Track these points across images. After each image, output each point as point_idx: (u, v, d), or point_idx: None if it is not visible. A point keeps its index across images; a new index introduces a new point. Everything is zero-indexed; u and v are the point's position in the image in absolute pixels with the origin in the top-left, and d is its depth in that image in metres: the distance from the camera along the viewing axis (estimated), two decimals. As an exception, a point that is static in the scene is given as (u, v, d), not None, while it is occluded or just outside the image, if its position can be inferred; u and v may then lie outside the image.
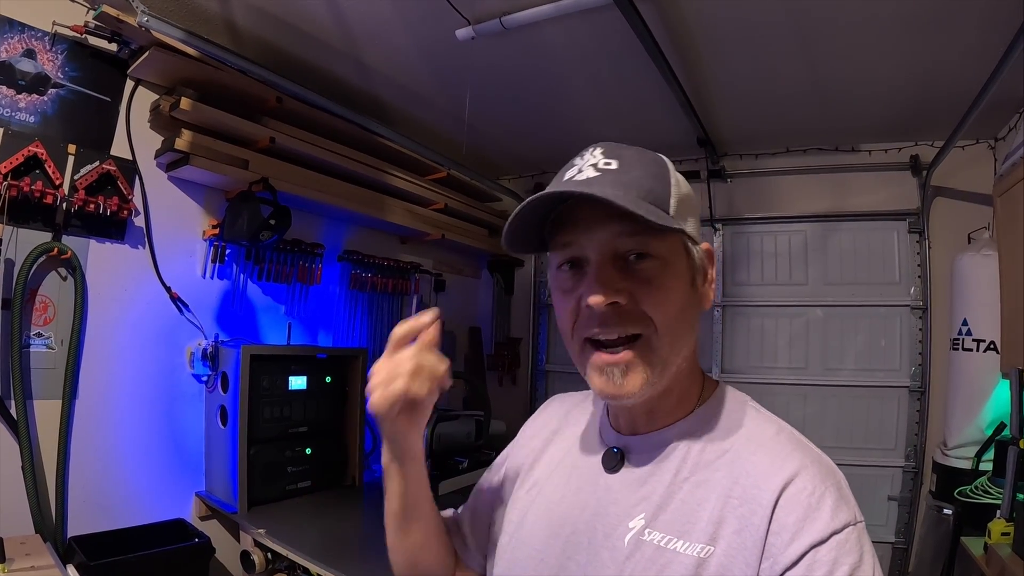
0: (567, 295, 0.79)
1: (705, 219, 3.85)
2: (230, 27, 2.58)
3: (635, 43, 2.33)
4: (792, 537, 0.67)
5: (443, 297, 4.15)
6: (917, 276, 3.53)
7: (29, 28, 2.23)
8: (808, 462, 0.73)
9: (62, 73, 2.32)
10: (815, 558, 0.65)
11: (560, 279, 0.81)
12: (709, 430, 0.81)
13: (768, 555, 0.67)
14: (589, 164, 0.76)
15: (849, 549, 0.66)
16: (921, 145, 3.51)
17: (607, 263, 0.76)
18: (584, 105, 3.25)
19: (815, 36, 2.48)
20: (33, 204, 2.21)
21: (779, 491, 0.70)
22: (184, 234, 2.73)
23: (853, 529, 0.68)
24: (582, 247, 0.77)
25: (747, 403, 0.85)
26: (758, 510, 0.70)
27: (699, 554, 0.70)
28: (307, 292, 3.21)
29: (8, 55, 2.19)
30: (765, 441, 0.77)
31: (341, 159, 3.07)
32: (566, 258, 0.79)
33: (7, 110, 2.20)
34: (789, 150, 3.80)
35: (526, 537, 0.89)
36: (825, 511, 0.68)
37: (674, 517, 0.75)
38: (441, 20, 2.40)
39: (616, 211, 0.72)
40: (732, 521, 0.71)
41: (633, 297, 0.75)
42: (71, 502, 2.31)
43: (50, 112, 2.30)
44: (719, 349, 3.93)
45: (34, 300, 2.26)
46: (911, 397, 3.50)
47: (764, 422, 0.81)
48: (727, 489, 0.73)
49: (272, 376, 2.71)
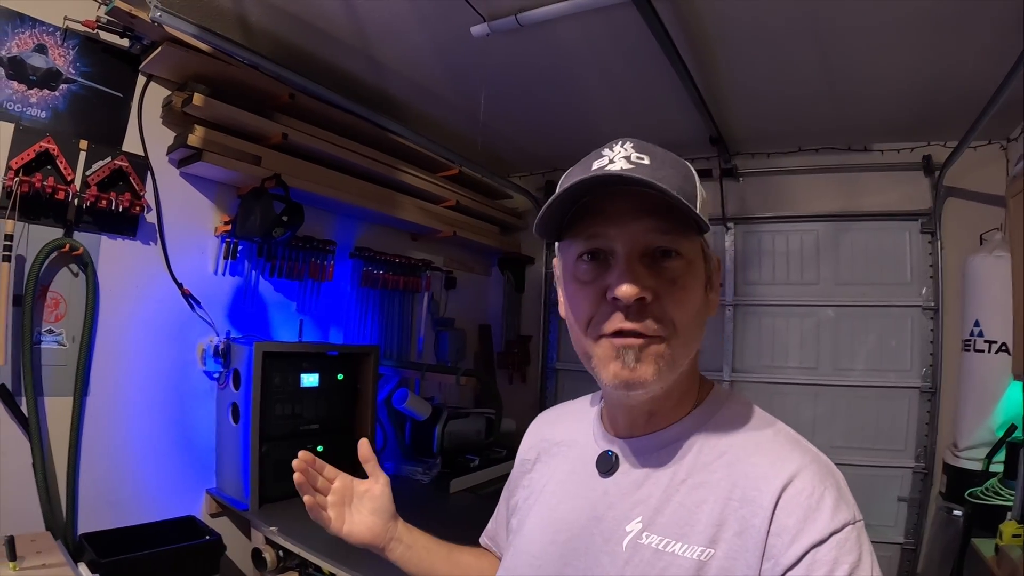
0: (586, 286, 0.76)
1: (717, 218, 3.77)
2: (242, 23, 2.49)
3: (650, 41, 2.25)
4: (793, 538, 0.66)
5: (454, 294, 4.06)
6: (929, 277, 3.43)
7: (40, 23, 2.15)
8: (807, 462, 0.72)
9: (73, 68, 2.24)
10: (815, 558, 0.64)
11: (579, 270, 0.77)
12: (706, 432, 0.79)
13: (769, 556, 0.66)
14: (621, 156, 0.73)
15: (849, 548, 0.65)
16: (933, 145, 3.41)
17: (636, 258, 0.73)
18: (597, 103, 3.16)
19: (830, 35, 2.39)
20: (44, 200, 2.13)
21: (779, 492, 0.68)
22: (196, 230, 2.64)
23: (853, 528, 0.67)
24: (610, 239, 0.74)
25: (745, 404, 0.84)
26: (759, 512, 0.68)
27: (699, 557, 0.69)
28: (319, 289, 3.12)
29: (19, 50, 2.11)
30: (763, 442, 0.76)
31: (353, 156, 2.98)
32: (588, 248, 0.76)
33: (18, 105, 2.12)
34: (801, 149, 3.69)
35: (523, 544, 0.88)
36: (825, 511, 0.67)
37: (672, 519, 0.73)
38: (456, 17, 2.31)
39: (648, 206, 0.71)
40: (733, 523, 0.69)
41: (657, 295, 0.73)
42: (82, 499, 2.24)
43: (61, 108, 2.22)
44: (730, 348, 3.82)
45: (45, 297, 2.18)
46: (922, 398, 3.40)
47: (762, 423, 0.80)
48: (726, 491, 0.72)
49: (284, 373, 2.62)
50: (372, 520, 1.00)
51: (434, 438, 3.08)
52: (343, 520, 0.98)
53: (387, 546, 1.00)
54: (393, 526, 1.01)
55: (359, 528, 0.99)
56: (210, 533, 2.37)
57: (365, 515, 1.00)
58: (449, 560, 1.04)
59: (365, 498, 1.01)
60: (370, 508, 1.00)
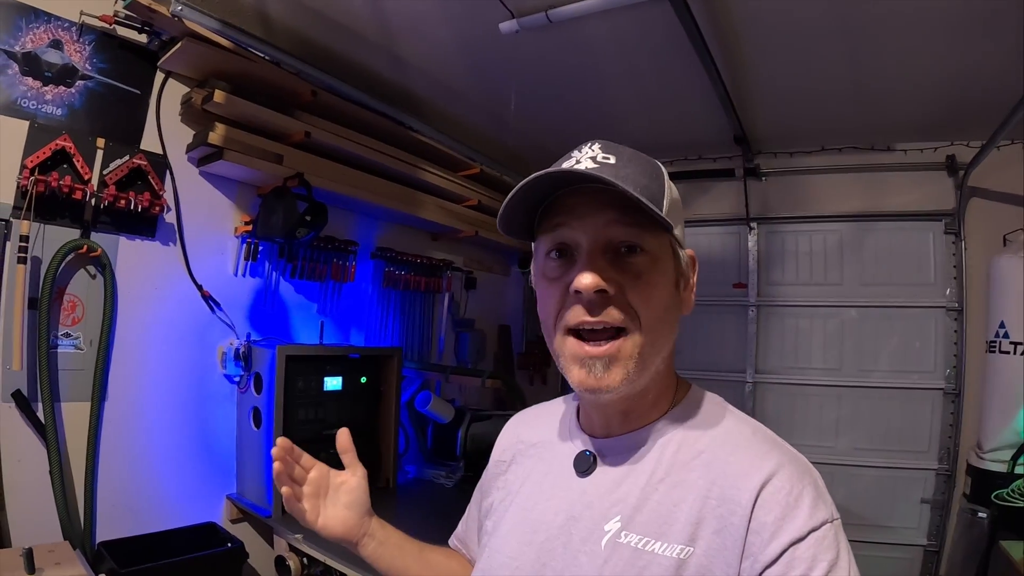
0: (553, 283, 0.77)
1: (740, 218, 3.73)
2: (263, 18, 2.41)
3: (678, 38, 2.22)
4: (771, 536, 0.65)
5: (473, 295, 3.98)
6: (952, 277, 3.38)
7: (55, 18, 2.07)
8: (785, 461, 0.71)
9: (90, 65, 2.16)
10: (794, 555, 0.64)
11: (547, 267, 0.79)
12: (684, 431, 0.79)
13: (748, 554, 0.66)
14: (587, 156, 0.75)
15: (827, 546, 0.65)
16: (957, 145, 3.36)
17: (599, 251, 0.74)
18: (621, 101, 3.10)
19: (859, 32, 2.35)
20: (61, 200, 2.06)
21: (757, 490, 0.68)
22: (216, 231, 2.56)
23: (831, 527, 0.67)
24: (574, 231, 0.75)
25: (721, 404, 0.84)
26: (737, 510, 0.68)
27: (678, 555, 0.69)
28: (340, 290, 3.04)
29: (34, 46, 2.03)
30: (742, 441, 0.75)
31: (375, 154, 2.90)
32: (555, 243, 0.77)
33: (33, 102, 2.04)
34: (824, 148, 3.62)
35: (499, 546, 0.86)
36: (803, 509, 0.67)
37: (650, 518, 0.73)
38: (485, 13, 2.24)
39: (611, 201, 0.72)
40: (711, 521, 0.69)
41: (621, 289, 0.73)
42: (100, 506, 2.18)
43: (77, 105, 2.14)
44: (753, 350, 3.77)
45: (62, 299, 2.11)
46: (945, 399, 3.35)
47: (740, 422, 0.80)
48: (705, 489, 0.71)
49: (307, 377, 2.54)
50: (347, 514, 0.96)
51: (457, 441, 3.01)
52: (317, 512, 0.95)
53: (360, 541, 0.97)
54: (368, 521, 0.98)
55: (333, 522, 0.95)
56: (232, 540, 2.32)
57: (340, 508, 0.96)
58: (420, 558, 1.02)
59: (341, 491, 0.97)
60: (345, 501, 0.97)
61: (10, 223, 1.97)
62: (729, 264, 3.88)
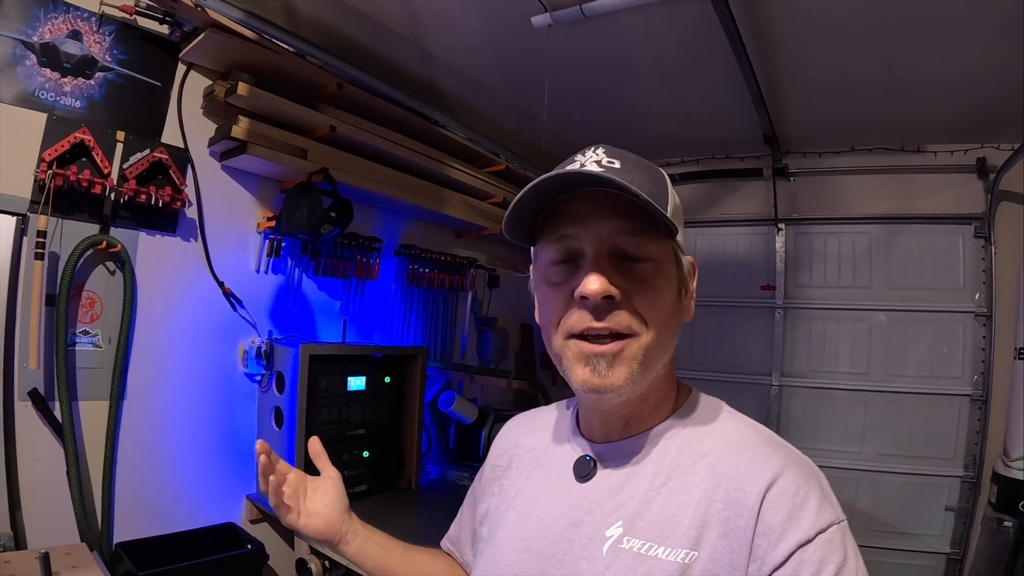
0: (557, 288, 0.74)
1: (768, 218, 3.55)
2: (288, 9, 2.25)
3: (713, 35, 2.12)
4: (779, 538, 0.63)
5: (496, 293, 3.81)
6: (982, 282, 3.19)
7: (74, 8, 1.94)
8: (790, 463, 0.69)
9: (110, 56, 2.02)
10: (802, 558, 0.62)
11: (550, 272, 0.76)
12: (685, 435, 0.76)
13: (755, 557, 0.64)
14: (592, 160, 0.72)
15: (835, 548, 0.63)
16: (987, 147, 3.16)
17: (604, 258, 0.71)
18: (651, 99, 2.94)
19: (896, 31, 2.23)
20: (80, 194, 1.93)
21: (763, 492, 0.65)
22: (238, 227, 2.41)
23: (837, 528, 0.64)
24: (579, 239, 0.72)
25: (722, 407, 0.81)
26: (743, 512, 0.65)
27: (683, 559, 0.66)
28: (363, 288, 2.88)
29: (52, 36, 1.90)
30: (745, 443, 0.72)
31: (401, 149, 2.73)
32: (560, 251, 0.74)
33: (51, 94, 1.90)
34: (854, 149, 3.43)
35: (496, 553, 0.83)
36: (810, 511, 0.64)
37: (653, 523, 0.70)
38: (517, 6, 2.11)
39: (616, 208, 0.70)
40: (716, 525, 0.66)
41: (627, 295, 0.70)
42: (118, 507, 2.06)
43: (97, 97, 2.00)
44: (779, 353, 3.60)
45: (80, 296, 1.99)
46: (972, 406, 3.17)
47: (742, 425, 0.77)
48: (709, 493, 0.69)
49: (330, 377, 2.39)
50: (327, 512, 0.94)
51: (480, 441, 2.86)
52: (298, 512, 0.93)
53: (343, 539, 0.94)
54: (348, 520, 0.96)
55: (314, 520, 0.93)
56: (252, 541, 2.20)
57: (319, 506, 0.95)
58: (405, 558, 0.99)
59: (319, 491, 0.96)
60: (324, 500, 0.95)
61: (27, 218, 1.85)
62: (756, 265, 3.71)
